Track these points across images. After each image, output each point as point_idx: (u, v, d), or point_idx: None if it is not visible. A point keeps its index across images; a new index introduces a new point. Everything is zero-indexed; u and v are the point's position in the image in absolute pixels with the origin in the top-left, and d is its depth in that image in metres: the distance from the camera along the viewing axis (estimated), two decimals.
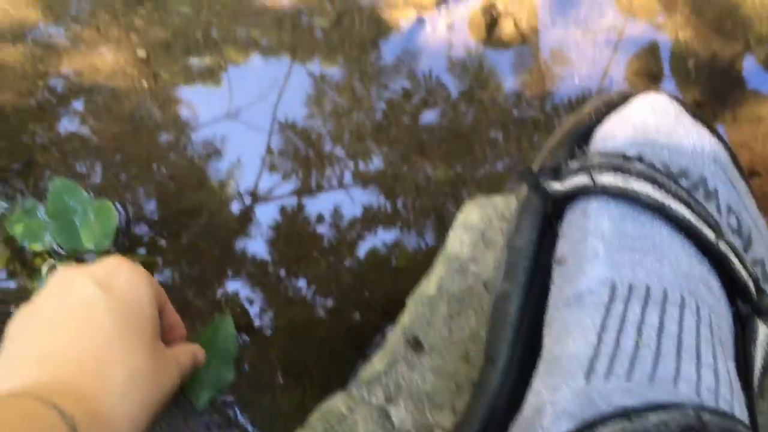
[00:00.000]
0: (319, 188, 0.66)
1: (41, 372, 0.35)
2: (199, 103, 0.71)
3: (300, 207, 0.66)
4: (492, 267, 0.47)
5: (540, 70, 0.72)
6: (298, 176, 0.67)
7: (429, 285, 0.49)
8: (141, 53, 0.76)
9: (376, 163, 0.67)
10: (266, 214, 0.66)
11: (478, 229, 0.47)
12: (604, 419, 0.29)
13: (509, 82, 0.70)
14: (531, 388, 0.36)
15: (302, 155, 0.68)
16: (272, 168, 0.68)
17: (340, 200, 0.66)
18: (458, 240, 0.47)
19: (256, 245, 0.65)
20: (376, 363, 0.50)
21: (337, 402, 0.49)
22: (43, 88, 0.72)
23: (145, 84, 0.74)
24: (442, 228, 0.63)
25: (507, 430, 0.36)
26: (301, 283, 0.64)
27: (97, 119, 0.71)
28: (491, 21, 0.78)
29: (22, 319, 0.40)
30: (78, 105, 0.71)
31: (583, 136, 0.44)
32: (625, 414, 0.29)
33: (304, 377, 0.61)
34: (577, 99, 0.70)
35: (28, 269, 0.64)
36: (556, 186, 0.40)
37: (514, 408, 0.37)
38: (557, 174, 0.41)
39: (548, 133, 0.66)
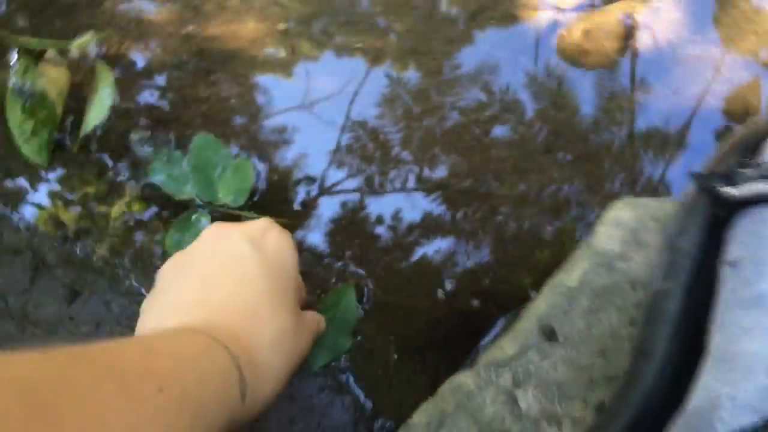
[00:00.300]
0: (383, 189, 0.67)
1: (199, 315, 0.37)
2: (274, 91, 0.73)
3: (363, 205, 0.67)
4: (643, 266, 0.47)
5: (626, 95, 0.71)
6: (362, 174, 0.68)
7: (570, 276, 0.49)
8: (281, 26, 0.78)
9: (442, 171, 0.67)
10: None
11: (630, 228, 0.47)
12: None
13: (588, 106, 0.70)
14: (697, 383, 0.36)
15: (369, 154, 0.69)
16: (339, 164, 0.69)
17: (401, 204, 0.67)
18: (607, 236, 0.48)
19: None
20: (506, 347, 0.51)
21: (466, 379, 0.50)
22: (188, 49, 0.75)
23: (282, 55, 0.76)
24: (500, 244, 0.64)
25: (662, 423, 0.37)
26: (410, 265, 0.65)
27: (231, 84, 0.73)
28: (628, 31, 0.78)
29: (176, 266, 0.42)
30: (215, 68, 0.74)
31: (753, 146, 0.44)
32: None
33: (416, 355, 0.62)
34: (658, 129, 0.68)
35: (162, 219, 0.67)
36: (731, 191, 0.40)
37: (670, 402, 0.38)
38: (730, 180, 0.41)
39: (621, 160, 0.66)
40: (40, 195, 0.67)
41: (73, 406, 0.22)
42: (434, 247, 0.65)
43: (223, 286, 0.38)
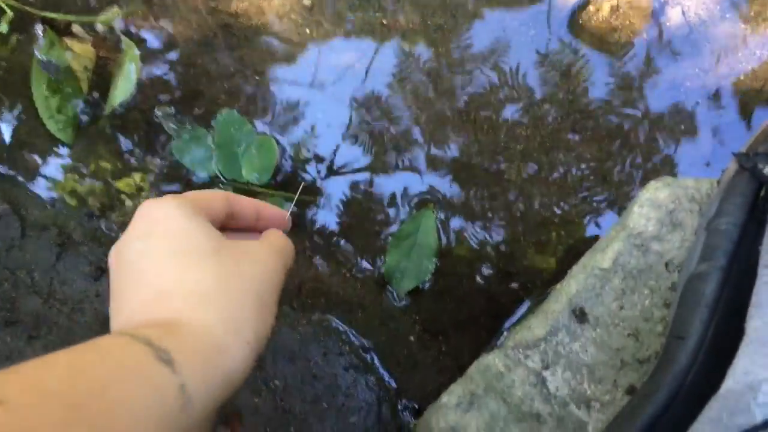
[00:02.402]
0: (393, 167, 0.66)
1: (160, 308, 0.33)
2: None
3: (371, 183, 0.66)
4: (678, 248, 0.46)
5: (654, 73, 0.69)
6: (372, 152, 0.67)
7: (603, 258, 0.48)
8: (307, 1, 0.77)
9: (453, 150, 0.66)
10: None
11: (666, 209, 0.46)
12: None
13: (599, 88, 0.68)
14: (734, 366, 0.35)
15: (379, 132, 0.68)
16: (349, 140, 0.68)
17: (411, 181, 0.66)
18: (644, 217, 0.47)
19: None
20: (536, 328, 0.50)
21: (494, 359, 0.49)
22: (213, 24, 0.75)
23: (307, 31, 0.75)
24: (515, 225, 0.63)
25: (697, 406, 0.36)
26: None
27: (255, 60, 0.72)
28: (658, 7, 0.76)
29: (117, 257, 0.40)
30: (240, 44, 0.73)
31: None
32: None
33: (441, 336, 0.62)
34: (684, 108, 0.67)
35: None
36: None
37: (705, 386, 0.37)
38: None
39: (631, 143, 0.64)
40: (65, 171, 0.67)
41: None
42: (449, 228, 0.65)
43: (127, 296, 0.35)
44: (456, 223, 0.64)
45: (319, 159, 0.67)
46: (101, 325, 0.62)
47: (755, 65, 0.71)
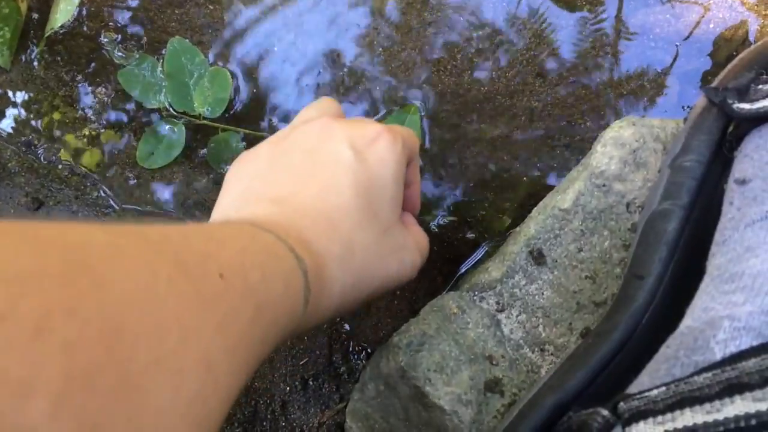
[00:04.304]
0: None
1: (272, 211, 0.34)
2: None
3: None
4: (640, 188, 0.44)
5: (613, 34, 0.67)
6: (329, 94, 0.64)
7: (564, 198, 0.46)
8: None
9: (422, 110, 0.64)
10: None
11: (630, 147, 0.45)
12: None
13: (568, 48, 0.66)
14: (694, 304, 0.34)
15: (345, 88, 0.65)
16: (307, 77, 0.65)
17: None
18: (606, 155, 0.45)
19: None
20: (492, 271, 0.49)
21: (448, 301, 0.48)
22: None
23: None
24: (482, 185, 0.61)
25: (652, 345, 0.35)
26: None
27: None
28: None
29: (268, 152, 0.39)
30: None
31: None
32: None
33: None
34: (639, 73, 0.65)
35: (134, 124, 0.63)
36: (744, 106, 0.38)
37: (663, 323, 0.36)
38: (743, 95, 0.39)
39: (607, 101, 0.63)
40: (1, 97, 0.63)
41: (122, 271, 0.19)
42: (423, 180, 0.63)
43: (309, 188, 0.36)
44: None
45: (273, 95, 0.64)
46: None
47: (716, 28, 0.69)
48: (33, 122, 0.63)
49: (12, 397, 0.14)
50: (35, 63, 0.64)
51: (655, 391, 0.31)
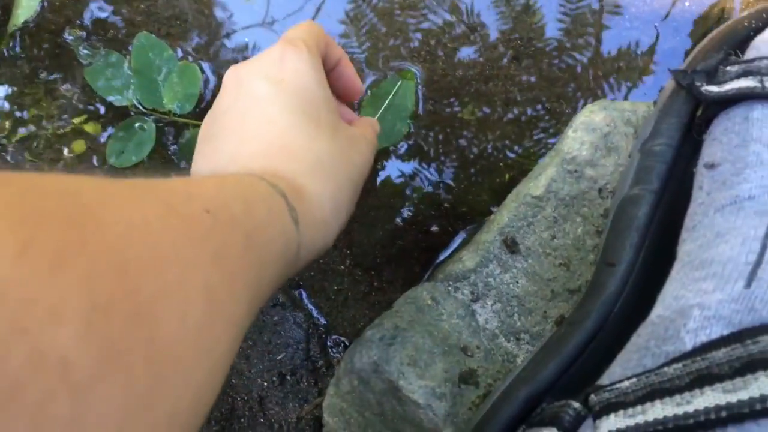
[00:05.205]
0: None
1: (229, 166, 0.36)
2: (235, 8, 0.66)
3: None
4: (612, 173, 0.44)
5: (595, 13, 0.66)
6: None
7: (536, 185, 0.46)
8: None
9: None
10: None
11: (601, 132, 0.44)
12: None
13: (552, 27, 0.65)
14: (665, 291, 0.33)
15: None
16: None
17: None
18: (578, 141, 0.45)
19: None
20: (467, 260, 0.48)
21: (422, 292, 0.47)
22: None
23: None
24: (463, 166, 0.60)
25: (625, 333, 0.34)
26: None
27: None
28: None
29: (207, 125, 0.41)
30: None
31: (738, 43, 0.40)
32: None
33: (373, 270, 0.59)
34: (623, 50, 0.64)
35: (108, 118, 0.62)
36: (713, 89, 0.37)
37: (635, 311, 0.35)
38: (712, 78, 0.38)
39: (589, 80, 0.62)
40: None
41: (116, 213, 0.20)
42: (394, 167, 0.62)
43: (248, 135, 0.37)
44: (403, 166, 0.61)
45: None
46: None
47: (698, 7, 0.69)
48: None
49: (45, 323, 0.15)
50: None
51: (626, 383, 0.31)
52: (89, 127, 0.62)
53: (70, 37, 0.62)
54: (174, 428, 0.20)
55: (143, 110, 0.61)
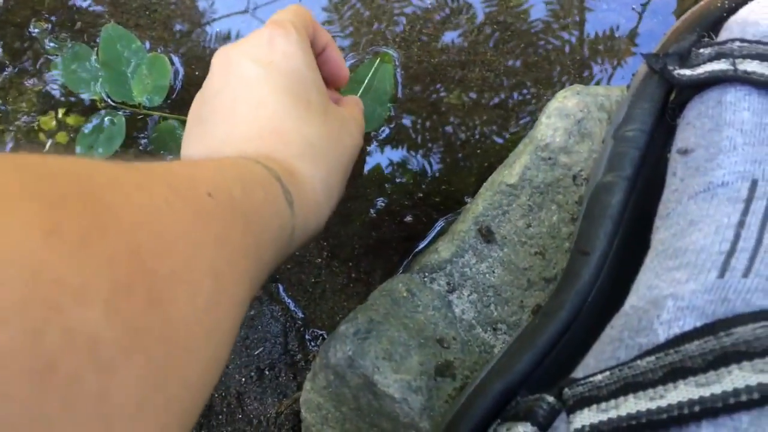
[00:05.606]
0: None
1: (224, 151, 0.36)
2: None
3: None
4: (586, 159, 0.43)
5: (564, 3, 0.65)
6: None
7: (511, 173, 0.45)
8: None
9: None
10: None
11: (575, 118, 0.43)
12: (743, 318, 0.26)
13: (539, 9, 0.63)
14: (638, 281, 0.33)
15: None
16: None
17: None
18: (551, 127, 0.44)
19: None
20: (442, 251, 0.47)
21: (397, 284, 0.47)
22: None
23: None
24: (451, 151, 0.59)
25: (600, 323, 0.34)
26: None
27: None
28: None
29: (196, 107, 0.41)
30: None
31: (711, 25, 0.40)
32: None
33: (351, 261, 0.59)
34: (607, 33, 0.63)
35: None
36: (685, 72, 0.36)
37: (609, 301, 0.35)
38: (685, 61, 0.37)
39: (573, 63, 0.61)
40: None
41: (124, 197, 0.21)
42: (375, 154, 0.61)
43: (239, 118, 0.37)
44: (386, 153, 0.60)
45: None
46: None
47: None
48: None
49: (75, 302, 0.16)
50: None
51: (599, 376, 0.30)
52: (71, 119, 0.61)
53: (36, 30, 0.61)
54: (185, 402, 0.21)
55: (112, 103, 0.59)
